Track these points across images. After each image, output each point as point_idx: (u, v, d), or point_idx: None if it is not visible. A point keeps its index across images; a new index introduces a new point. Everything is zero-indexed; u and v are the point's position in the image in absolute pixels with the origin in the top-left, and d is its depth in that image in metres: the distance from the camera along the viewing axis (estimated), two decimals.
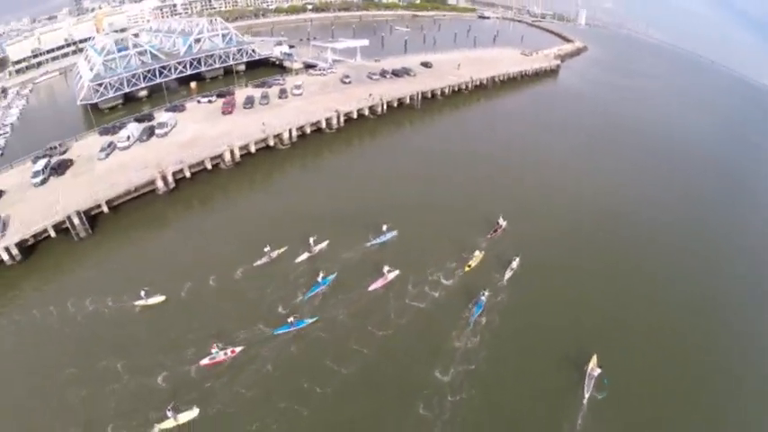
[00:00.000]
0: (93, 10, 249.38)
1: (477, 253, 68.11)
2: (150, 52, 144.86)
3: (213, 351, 51.29)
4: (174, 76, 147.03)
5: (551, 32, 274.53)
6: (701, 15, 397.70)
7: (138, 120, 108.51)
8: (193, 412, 46.60)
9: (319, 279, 61.56)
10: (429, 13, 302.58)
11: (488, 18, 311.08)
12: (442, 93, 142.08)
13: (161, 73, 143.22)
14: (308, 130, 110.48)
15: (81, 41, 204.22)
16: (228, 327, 56.28)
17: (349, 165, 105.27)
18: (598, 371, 49.68)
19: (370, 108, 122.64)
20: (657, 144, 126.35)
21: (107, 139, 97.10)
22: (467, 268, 65.85)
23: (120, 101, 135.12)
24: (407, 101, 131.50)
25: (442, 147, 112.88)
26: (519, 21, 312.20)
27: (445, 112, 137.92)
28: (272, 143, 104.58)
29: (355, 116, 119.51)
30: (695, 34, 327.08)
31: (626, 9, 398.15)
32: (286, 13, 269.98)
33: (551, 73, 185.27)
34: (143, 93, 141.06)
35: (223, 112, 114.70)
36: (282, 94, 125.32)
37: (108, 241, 73.47)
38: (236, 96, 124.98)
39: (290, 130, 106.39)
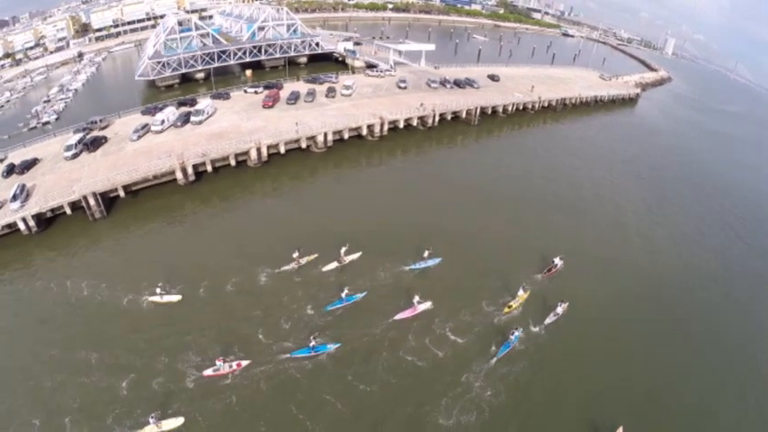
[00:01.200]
0: None
1: (520, 293, 59.22)
2: (212, 35, 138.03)
3: (218, 363, 46.35)
4: (232, 62, 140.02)
5: (635, 58, 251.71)
6: None
7: (182, 103, 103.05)
8: (178, 421, 42.29)
9: (343, 295, 55.43)
10: (511, 25, 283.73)
11: (572, 36, 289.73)
12: (504, 110, 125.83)
13: (219, 57, 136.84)
14: (347, 136, 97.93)
15: (161, 16, 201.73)
16: (241, 336, 51.54)
17: (387, 177, 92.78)
18: None
19: (420, 118, 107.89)
20: (742, 208, 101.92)
21: (146, 119, 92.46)
22: (506, 310, 57.40)
23: (177, 80, 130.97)
24: (464, 115, 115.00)
25: (495, 170, 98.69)
26: (603, 42, 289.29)
27: (504, 131, 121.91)
28: (304, 145, 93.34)
29: (401, 125, 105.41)
30: None
31: (717, 43, 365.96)
32: (365, 10, 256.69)
33: (629, 102, 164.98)
34: (200, 75, 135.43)
35: (264, 106, 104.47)
36: (330, 92, 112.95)
37: (122, 226, 69.43)
38: (283, 90, 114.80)
39: (326, 134, 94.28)
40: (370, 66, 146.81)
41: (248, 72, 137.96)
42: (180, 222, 72.22)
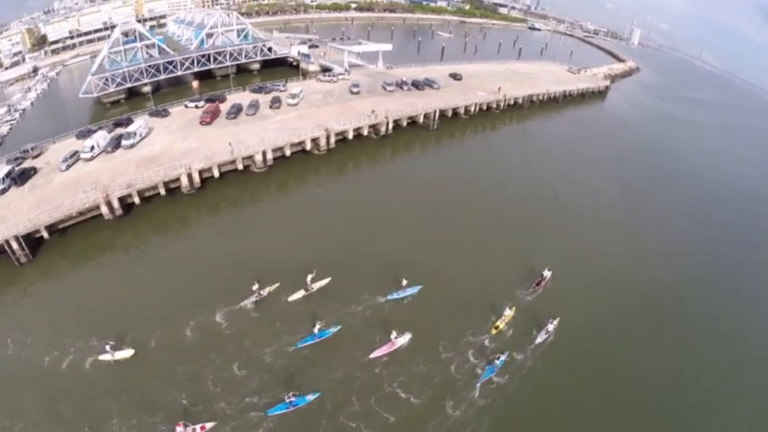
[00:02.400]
0: None
1: (507, 312, 53.56)
2: (158, 46, 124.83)
3: (179, 429, 38.71)
4: (179, 73, 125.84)
5: (603, 50, 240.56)
6: (758, 44, 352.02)
7: (117, 124, 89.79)
8: None
9: (315, 330, 48.56)
10: (478, 21, 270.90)
11: (539, 30, 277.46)
12: (467, 111, 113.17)
13: (166, 69, 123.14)
14: (288, 152, 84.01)
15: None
16: (205, 392, 43.30)
17: (340, 195, 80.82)
18: None
19: (372, 127, 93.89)
20: (723, 198, 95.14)
21: (79, 144, 79.60)
22: (494, 331, 51.80)
23: (123, 95, 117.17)
24: (421, 120, 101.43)
25: (460, 179, 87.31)
26: (570, 35, 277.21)
27: (467, 135, 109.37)
28: (241, 166, 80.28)
29: (351, 136, 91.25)
30: (755, 64, 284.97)
31: (681, 32, 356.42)
32: (328, 10, 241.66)
33: (599, 95, 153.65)
34: (146, 88, 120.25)
35: (201, 123, 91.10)
36: (275, 103, 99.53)
37: (51, 271, 58.83)
38: (226, 103, 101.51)
39: (264, 152, 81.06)
40: (325, 70, 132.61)
41: (195, 83, 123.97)
42: (113, 262, 60.75)
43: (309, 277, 54.90)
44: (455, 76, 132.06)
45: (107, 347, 45.31)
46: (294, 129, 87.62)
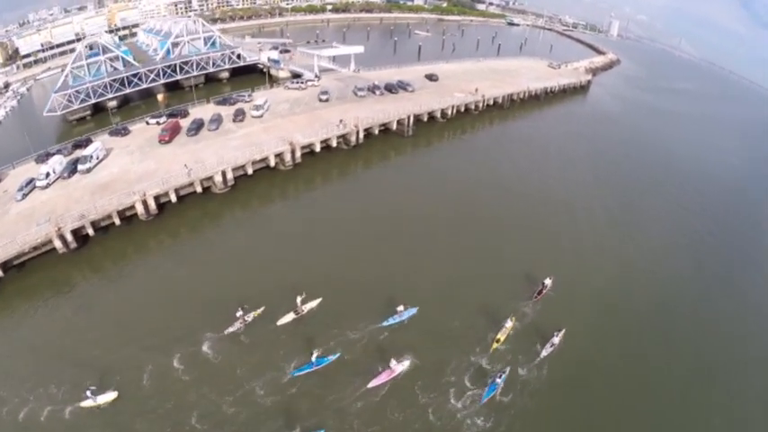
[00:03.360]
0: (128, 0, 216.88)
1: (507, 324, 50.24)
2: (122, 58, 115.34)
3: None
4: (145, 86, 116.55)
5: (583, 43, 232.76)
6: (735, 33, 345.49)
7: (76, 145, 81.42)
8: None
9: (313, 358, 44.56)
10: (455, 18, 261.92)
11: (518, 25, 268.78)
12: (443, 114, 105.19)
13: (130, 82, 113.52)
14: (250, 171, 75.15)
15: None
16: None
17: (308, 213, 73.46)
18: None
19: (343, 137, 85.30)
20: (711, 190, 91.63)
21: (38, 170, 71.48)
22: (494, 345, 48.39)
23: (89, 112, 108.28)
24: (394, 126, 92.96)
25: (440, 188, 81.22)
26: (549, 29, 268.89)
27: (445, 140, 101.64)
28: (199, 189, 72.10)
29: (318, 149, 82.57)
30: (732, 53, 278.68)
31: (660, 22, 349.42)
32: (304, 13, 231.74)
33: (581, 90, 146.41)
34: (112, 103, 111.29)
35: (160, 141, 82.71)
36: (238, 116, 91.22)
37: (9, 311, 52.61)
38: (189, 117, 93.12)
39: (224, 172, 72.33)
40: (296, 75, 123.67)
41: (160, 96, 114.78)
42: (78, 299, 54.67)
43: (299, 299, 51.12)
44: (431, 77, 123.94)
45: (88, 393, 40.88)
46: (257, 144, 79.76)
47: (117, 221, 64.64)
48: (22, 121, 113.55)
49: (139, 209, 66.37)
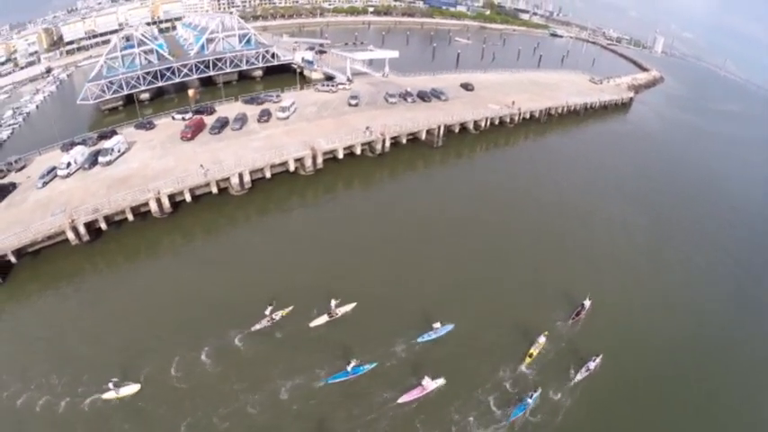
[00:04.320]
0: None
1: (541, 339, 48.37)
2: (156, 51, 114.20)
3: None
4: (177, 80, 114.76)
5: (626, 58, 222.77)
6: None
7: (102, 137, 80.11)
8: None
9: (349, 368, 43.11)
10: (498, 26, 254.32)
11: (560, 36, 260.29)
12: (476, 126, 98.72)
13: (163, 75, 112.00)
14: (269, 174, 70.62)
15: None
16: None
17: (324, 219, 69.70)
18: None
19: (368, 144, 79.97)
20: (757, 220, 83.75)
21: (63, 159, 70.14)
22: (528, 360, 46.59)
23: (121, 102, 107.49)
24: (423, 136, 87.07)
25: (466, 200, 76.10)
26: (593, 42, 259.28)
27: (477, 153, 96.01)
28: (215, 190, 68.59)
29: (341, 155, 77.52)
30: None
31: (705, 41, 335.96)
32: (345, 14, 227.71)
33: (622, 107, 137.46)
34: (145, 95, 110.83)
35: (182, 138, 79.89)
36: (263, 116, 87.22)
37: (26, 298, 52.18)
38: (214, 115, 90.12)
39: (241, 175, 67.99)
40: (329, 77, 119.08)
41: (191, 91, 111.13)
42: (85, 292, 53.72)
43: (334, 302, 50.07)
44: (467, 87, 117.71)
45: (110, 385, 40.49)
46: (278, 147, 75.51)
47: (131, 217, 62.55)
48: (58, 108, 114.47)
49: (153, 206, 63.96)
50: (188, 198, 66.68)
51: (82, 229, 58.41)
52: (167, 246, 62.67)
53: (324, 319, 49.64)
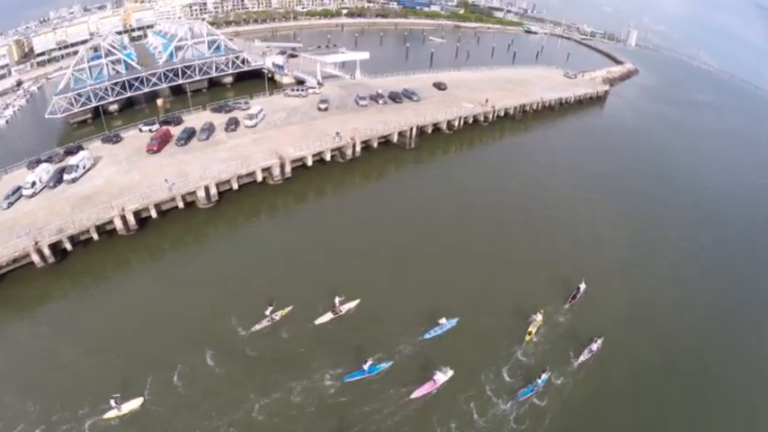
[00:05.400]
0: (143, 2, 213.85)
1: (538, 317, 50.21)
2: (124, 61, 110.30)
3: None
4: (146, 90, 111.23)
5: (600, 52, 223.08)
6: (754, 44, 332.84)
7: (68, 152, 77.35)
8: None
9: (366, 366, 43.48)
10: (472, 25, 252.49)
11: (535, 33, 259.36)
12: (450, 126, 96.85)
13: (132, 86, 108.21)
14: (236, 185, 68.27)
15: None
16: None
17: (294, 228, 68.83)
18: None
19: (338, 150, 77.86)
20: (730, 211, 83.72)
21: (28, 178, 67.50)
22: (527, 338, 48.82)
23: (89, 115, 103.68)
24: (395, 138, 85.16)
25: (435, 204, 74.70)
26: (567, 38, 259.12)
27: (451, 153, 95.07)
28: (181, 205, 66.58)
29: (310, 163, 75.31)
30: (751, 64, 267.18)
31: (678, 33, 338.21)
32: (318, 17, 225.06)
33: (597, 101, 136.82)
34: (114, 107, 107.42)
35: (148, 151, 77.33)
36: (230, 125, 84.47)
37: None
38: (181, 126, 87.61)
39: (207, 188, 65.66)
40: (300, 81, 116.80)
41: (159, 101, 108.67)
42: (55, 312, 52.21)
43: (338, 299, 50.88)
44: (439, 86, 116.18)
45: (112, 402, 39.37)
46: (245, 157, 73.50)
47: (96, 236, 60.54)
48: (27, 123, 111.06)
49: (118, 224, 61.74)
50: (154, 214, 64.67)
51: (47, 251, 56.24)
52: (134, 264, 60.61)
53: (328, 316, 50.23)
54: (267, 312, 49.10)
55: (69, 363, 44.48)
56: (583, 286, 55.86)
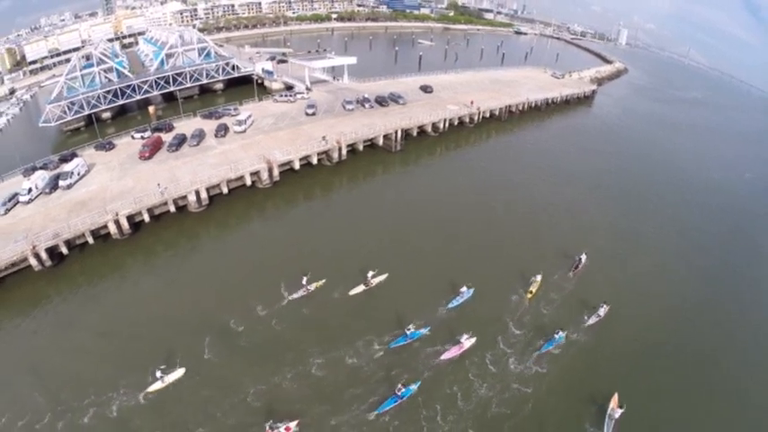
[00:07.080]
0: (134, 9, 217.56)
1: (537, 278, 57.16)
2: (116, 69, 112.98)
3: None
4: (138, 97, 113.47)
5: (590, 52, 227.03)
6: (743, 41, 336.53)
7: (63, 159, 79.22)
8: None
9: (408, 331, 48.82)
10: (462, 27, 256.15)
11: (525, 34, 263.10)
12: (435, 128, 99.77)
13: (123, 93, 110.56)
14: (226, 189, 71.24)
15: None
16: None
17: (284, 230, 70.65)
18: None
19: (325, 153, 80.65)
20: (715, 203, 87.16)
21: (24, 184, 69.40)
22: (529, 296, 55.41)
23: (83, 123, 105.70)
24: (381, 141, 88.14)
25: (422, 205, 76.81)
26: (557, 38, 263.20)
27: (437, 155, 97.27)
28: (172, 209, 68.87)
29: (297, 167, 78.10)
30: (740, 61, 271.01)
31: (668, 31, 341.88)
32: (308, 21, 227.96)
33: (585, 100, 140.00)
34: (106, 114, 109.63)
35: (140, 157, 79.68)
36: (220, 131, 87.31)
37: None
38: (172, 132, 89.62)
39: (198, 192, 68.68)
40: (290, 87, 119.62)
41: (151, 108, 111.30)
42: (55, 313, 53.63)
43: (370, 273, 55.75)
44: (426, 89, 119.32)
45: (157, 374, 42.46)
46: (234, 162, 76.03)
47: (91, 240, 62.44)
48: (21, 131, 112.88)
49: (112, 228, 63.75)
50: (146, 218, 66.85)
51: (44, 255, 57.95)
52: (130, 266, 62.34)
53: (360, 288, 55.09)
54: (303, 282, 54.72)
55: (69, 362, 46.17)
56: (584, 257, 61.43)
